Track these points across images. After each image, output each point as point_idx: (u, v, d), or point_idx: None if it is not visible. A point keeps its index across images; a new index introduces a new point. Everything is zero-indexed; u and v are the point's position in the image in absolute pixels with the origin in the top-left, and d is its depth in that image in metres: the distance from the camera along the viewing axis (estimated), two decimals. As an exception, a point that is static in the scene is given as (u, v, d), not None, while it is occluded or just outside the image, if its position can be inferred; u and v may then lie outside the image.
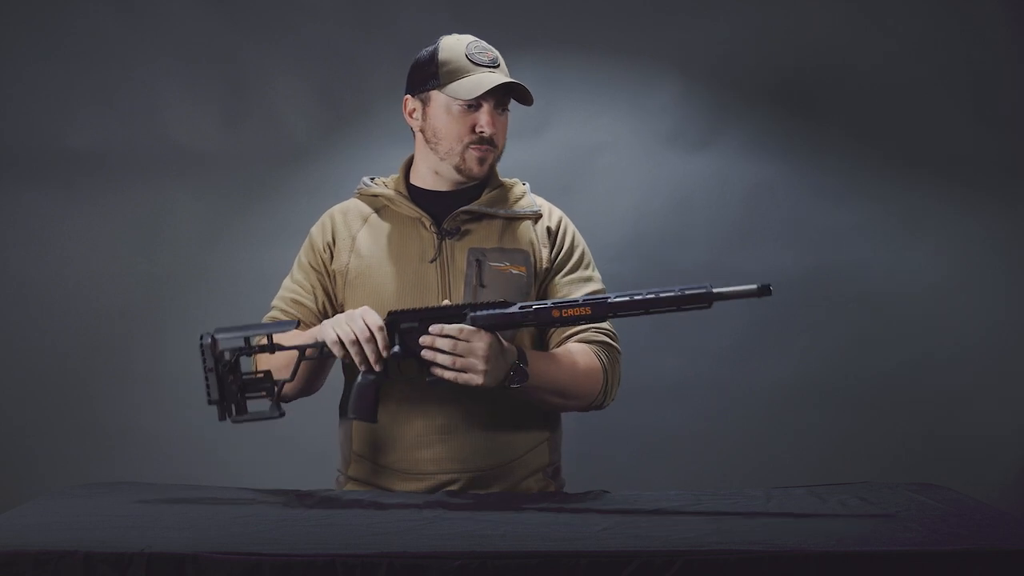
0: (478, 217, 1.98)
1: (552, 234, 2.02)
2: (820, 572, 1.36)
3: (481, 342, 1.74)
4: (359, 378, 1.80)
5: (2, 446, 3.02)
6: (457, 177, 1.96)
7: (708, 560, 1.36)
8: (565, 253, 2.02)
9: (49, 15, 3.01)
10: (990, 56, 3.03)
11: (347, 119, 3.05)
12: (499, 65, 1.96)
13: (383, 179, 2.05)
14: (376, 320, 1.78)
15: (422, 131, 1.98)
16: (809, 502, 1.70)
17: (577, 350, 1.94)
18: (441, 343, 1.74)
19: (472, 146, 1.93)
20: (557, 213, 2.06)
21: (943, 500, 1.71)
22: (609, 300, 1.71)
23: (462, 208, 1.97)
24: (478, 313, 1.76)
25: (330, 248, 2.00)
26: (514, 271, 1.95)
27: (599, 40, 3.05)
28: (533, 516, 1.63)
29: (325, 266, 2.00)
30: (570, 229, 2.05)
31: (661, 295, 1.67)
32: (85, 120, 3.02)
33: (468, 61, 1.92)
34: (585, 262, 2.04)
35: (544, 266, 1.99)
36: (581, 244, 2.05)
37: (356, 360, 1.78)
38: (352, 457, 1.99)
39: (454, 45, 1.95)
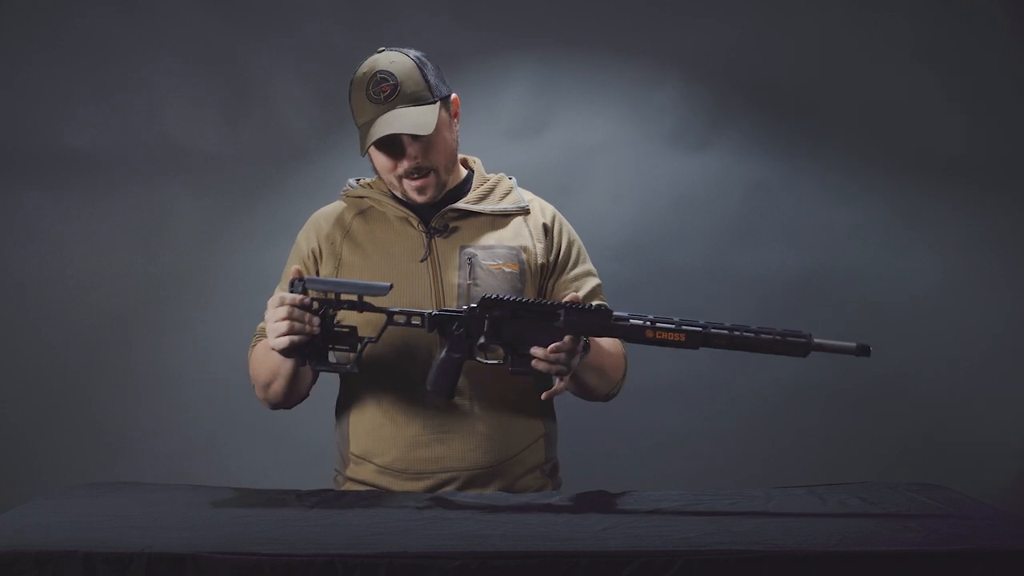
0: (466, 214, 1.98)
1: (548, 231, 2.02)
2: (820, 572, 1.36)
3: (573, 350, 1.75)
4: (442, 353, 1.79)
5: (2, 446, 3.02)
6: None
7: (708, 560, 1.37)
8: (565, 251, 2.02)
9: (49, 15, 3.01)
10: (990, 56, 3.03)
11: (347, 119, 3.01)
12: (397, 94, 1.87)
13: (367, 180, 2.05)
14: (277, 299, 1.74)
15: None
16: (809, 502, 1.70)
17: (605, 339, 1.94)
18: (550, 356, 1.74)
19: (404, 179, 1.92)
20: (550, 209, 2.06)
21: (943, 500, 1.71)
22: (708, 330, 1.69)
23: (450, 206, 1.97)
24: (572, 319, 1.72)
25: (315, 255, 1.99)
26: (507, 269, 1.95)
27: (599, 40, 3.05)
28: (533, 516, 1.63)
29: (310, 274, 1.99)
30: (565, 225, 2.05)
31: (761, 336, 1.68)
32: (85, 120, 3.02)
33: (368, 101, 1.88)
34: (583, 256, 2.05)
35: (539, 262, 1.99)
36: (576, 238, 2.06)
37: (298, 332, 1.74)
38: (350, 458, 1.99)
39: (360, 81, 1.90)
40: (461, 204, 1.97)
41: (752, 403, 3.05)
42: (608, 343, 1.95)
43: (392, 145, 1.89)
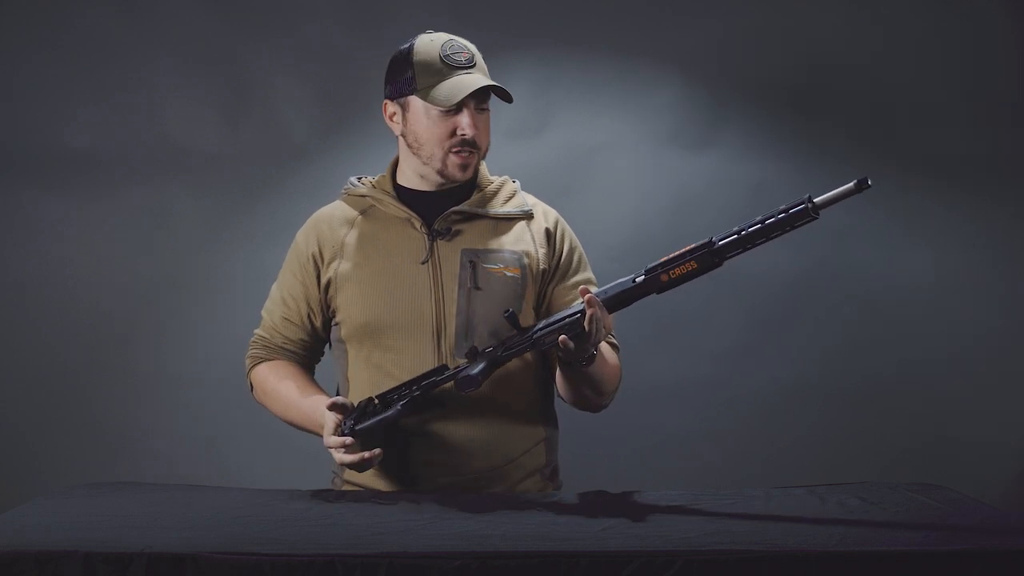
0: (469, 217, 1.96)
1: (551, 236, 2.00)
2: (820, 572, 1.36)
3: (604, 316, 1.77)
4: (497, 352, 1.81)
5: (2, 446, 3.02)
6: (441, 180, 1.94)
7: (708, 560, 1.37)
8: (566, 257, 2.01)
9: (49, 15, 3.01)
10: (990, 56, 3.03)
11: (347, 119, 3.05)
12: (475, 64, 1.91)
13: (370, 179, 2.02)
14: (330, 424, 1.82)
15: (403, 136, 1.95)
16: (809, 502, 1.70)
17: (606, 349, 1.94)
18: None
19: (454, 151, 1.90)
20: (553, 214, 2.04)
21: (943, 500, 1.71)
22: (716, 244, 1.71)
23: (453, 208, 1.95)
24: (599, 296, 1.76)
25: (315, 259, 1.97)
26: (508, 273, 1.94)
27: (599, 40, 3.05)
28: (533, 516, 1.63)
29: (310, 277, 1.98)
30: (568, 232, 2.04)
31: (768, 221, 1.70)
32: (84, 120, 3.02)
33: (444, 63, 1.89)
34: (583, 263, 2.04)
35: (541, 267, 1.97)
36: (578, 245, 2.04)
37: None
38: (349, 461, 1.99)
39: (428, 47, 1.90)
40: (464, 207, 1.96)
41: (751, 403, 3.05)
42: (608, 355, 1.94)
43: (458, 111, 1.89)
